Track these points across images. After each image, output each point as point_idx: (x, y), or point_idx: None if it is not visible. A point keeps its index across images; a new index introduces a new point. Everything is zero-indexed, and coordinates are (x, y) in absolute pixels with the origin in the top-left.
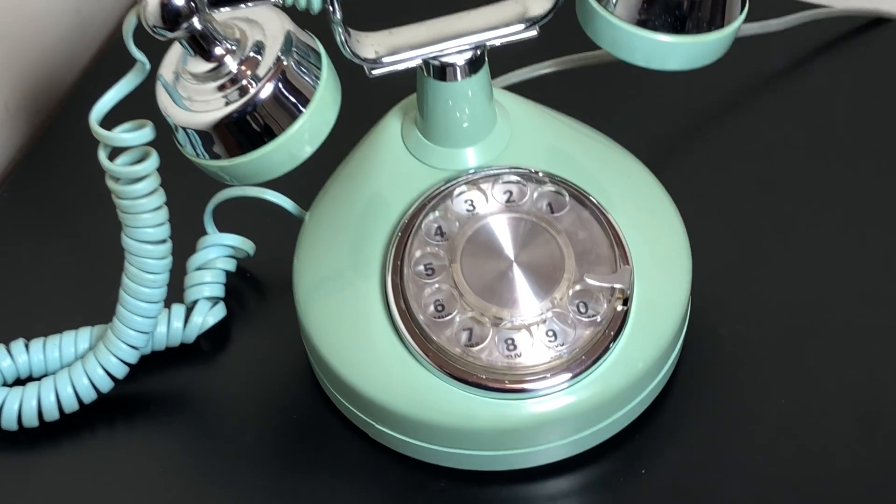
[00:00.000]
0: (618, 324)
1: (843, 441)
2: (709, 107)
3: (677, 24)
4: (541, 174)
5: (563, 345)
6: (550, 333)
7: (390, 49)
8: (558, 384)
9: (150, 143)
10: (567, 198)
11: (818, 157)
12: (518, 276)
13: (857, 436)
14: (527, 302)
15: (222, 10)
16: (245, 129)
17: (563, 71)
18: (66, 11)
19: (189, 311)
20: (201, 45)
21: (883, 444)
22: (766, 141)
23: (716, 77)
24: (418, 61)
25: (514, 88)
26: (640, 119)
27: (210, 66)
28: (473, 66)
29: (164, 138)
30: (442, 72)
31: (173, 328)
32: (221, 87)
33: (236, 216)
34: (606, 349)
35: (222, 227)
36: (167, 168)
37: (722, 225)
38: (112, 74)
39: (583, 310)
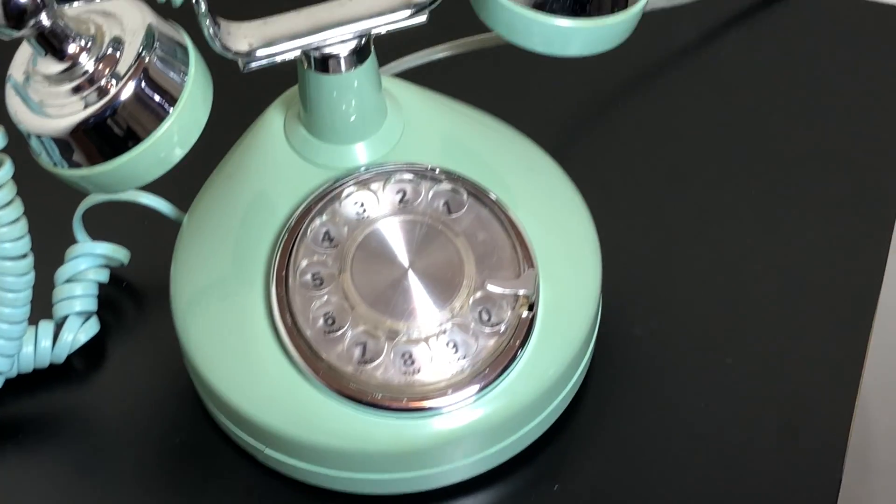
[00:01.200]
0: (523, 331)
1: (765, 444)
2: (614, 87)
3: (577, 7)
4: (437, 171)
5: (465, 357)
6: (451, 345)
7: (265, 40)
8: (461, 400)
9: (2, 149)
10: (465, 196)
11: (730, 140)
12: (414, 284)
13: (779, 439)
14: (424, 312)
15: (74, 4)
16: (106, 134)
17: (459, 55)
18: None
19: (58, 327)
20: (52, 43)
21: (805, 446)
22: (675, 123)
23: (621, 56)
24: (297, 53)
25: (406, 75)
26: (543, 103)
27: (63, 65)
28: (359, 55)
29: (20, 140)
30: (324, 63)
31: (41, 348)
32: (77, 89)
33: (109, 220)
34: (512, 359)
35: (94, 233)
36: (28, 168)
37: (631, 215)
38: None
39: (485, 318)
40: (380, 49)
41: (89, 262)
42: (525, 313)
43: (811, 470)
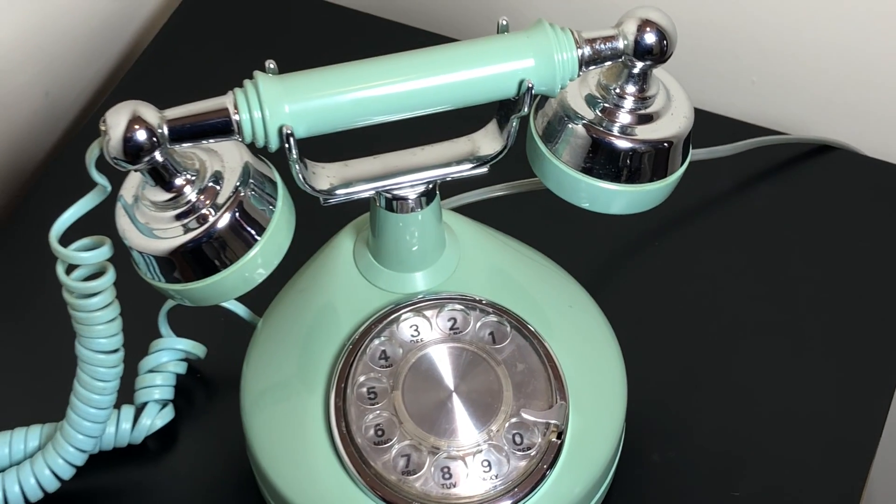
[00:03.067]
0: (552, 456)
1: None
2: (652, 228)
3: (620, 175)
4: (484, 302)
5: (497, 476)
6: (485, 464)
7: (344, 181)
8: None
9: (108, 259)
10: (509, 328)
11: (758, 285)
12: (457, 406)
13: None
14: (464, 432)
15: (184, 143)
16: (201, 257)
17: (513, 194)
18: (35, 94)
19: (138, 411)
20: (161, 175)
21: None
22: (706, 265)
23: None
24: (371, 193)
25: (465, 209)
26: (586, 240)
27: (169, 195)
28: (426, 198)
29: (120, 245)
30: (394, 203)
31: (122, 429)
32: (180, 216)
33: (191, 317)
34: (540, 480)
35: (176, 327)
36: (124, 266)
37: (659, 350)
38: (77, 161)
39: (518, 441)
40: (444, 185)
41: (170, 355)
42: (554, 439)
43: None
